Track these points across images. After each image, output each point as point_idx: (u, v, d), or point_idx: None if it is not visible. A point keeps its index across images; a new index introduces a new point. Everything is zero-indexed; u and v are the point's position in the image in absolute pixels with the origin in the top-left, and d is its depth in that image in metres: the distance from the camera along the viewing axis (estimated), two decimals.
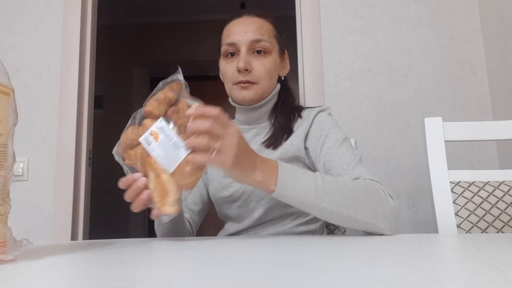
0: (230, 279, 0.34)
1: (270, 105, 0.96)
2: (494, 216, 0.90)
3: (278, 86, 0.98)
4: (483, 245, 0.50)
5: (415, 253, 0.45)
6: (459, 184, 0.95)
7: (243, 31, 0.91)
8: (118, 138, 0.67)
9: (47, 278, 0.36)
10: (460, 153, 1.66)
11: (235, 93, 0.92)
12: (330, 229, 1.13)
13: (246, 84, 0.90)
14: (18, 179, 1.73)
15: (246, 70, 0.89)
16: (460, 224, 0.91)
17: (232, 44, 0.91)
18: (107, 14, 3.37)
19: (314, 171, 0.89)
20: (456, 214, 0.92)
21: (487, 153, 1.66)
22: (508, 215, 0.90)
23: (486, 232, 0.89)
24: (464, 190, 0.94)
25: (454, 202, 0.93)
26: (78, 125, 1.78)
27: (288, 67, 1.01)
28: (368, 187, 0.71)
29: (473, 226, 0.90)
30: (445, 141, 0.97)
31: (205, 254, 0.49)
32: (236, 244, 0.58)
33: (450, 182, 0.95)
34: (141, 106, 0.66)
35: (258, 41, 0.90)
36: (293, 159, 0.89)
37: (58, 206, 1.71)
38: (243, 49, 0.90)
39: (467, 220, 0.91)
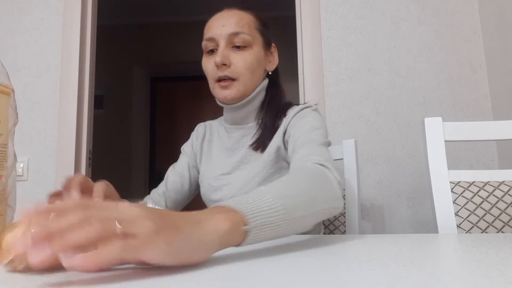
0: (229, 279, 0.34)
1: (256, 103, 0.91)
2: (494, 216, 0.90)
3: (265, 82, 0.92)
4: (483, 245, 0.50)
5: (415, 253, 0.45)
6: (459, 184, 0.95)
7: (221, 24, 0.86)
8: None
9: (47, 278, 0.36)
10: (460, 153, 1.66)
11: (217, 92, 0.87)
12: (330, 229, 1.13)
13: (226, 83, 0.85)
14: (18, 179, 1.73)
15: (224, 64, 0.84)
16: (460, 224, 0.91)
17: (211, 39, 0.86)
18: (107, 14, 3.37)
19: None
20: (456, 214, 0.92)
21: (487, 153, 1.66)
22: (508, 215, 0.90)
23: (486, 232, 0.89)
24: (464, 190, 0.94)
25: (454, 202, 0.93)
26: (78, 125, 1.78)
27: (276, 61, 0.95)
28: (315, 173, 0.63)
29: (473, 226, 0.90)
30: (445, 141, 0.97)
31: None
32: None
33: (450, 182, 0.95)
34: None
35: (236, 34, 0.85)
36: (277, 159, 0.86)
37: None
38: (222, 43, 0.85)
39: (467, 220, 0.91)
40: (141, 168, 3.63)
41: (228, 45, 0.86)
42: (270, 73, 0.94)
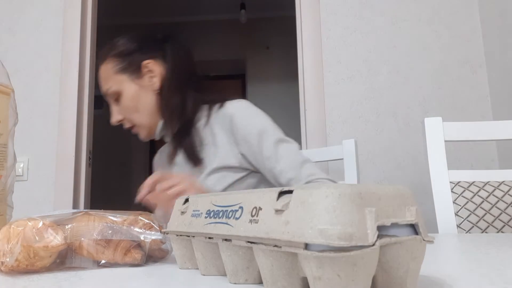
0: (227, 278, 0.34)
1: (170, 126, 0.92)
2: (494, 216, 0.90)
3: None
4: (483, 245, 0.50)
5: None
6: (459, 184, 0.95)
7: (100, 85, 0.94)
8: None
9: (47, 278, 0.36)
10: (460, 153, 1.66)
11: None
12: None
13: (133, 130, 0.94)
14: (18, 179, 1.72)
15: (121, 121, 0.92)
16: (460, 224, 0.91)
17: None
18: (107, 14, 3.37)
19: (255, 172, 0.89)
20: (456, 214, 0.92)
21: (487, 153, 1.66)
22: (508, 215, 0.90)
23: (486, 232, 0.89)
24: (464, 190, 0.94)
25: (454, 202, 0.93)
26: (78, 125, 1.78)
27: (158, 73, 0.91)
28: None
29: (473, 226, 0.90)
30: (445, 141, 0.97)
31: None
32: None
33: (450, 182, 0.95)
34: None
35: (106, 92, 0.91)
36: (223, 169, 0.86)
37: (58, 206, 1.71)
38: (110, 102, 0.93)
39: (467, 220, 0.91)
40: (141, 168, 3.63)
41: (111, 101, 0.92)
42: (160, 89, 0.90)
